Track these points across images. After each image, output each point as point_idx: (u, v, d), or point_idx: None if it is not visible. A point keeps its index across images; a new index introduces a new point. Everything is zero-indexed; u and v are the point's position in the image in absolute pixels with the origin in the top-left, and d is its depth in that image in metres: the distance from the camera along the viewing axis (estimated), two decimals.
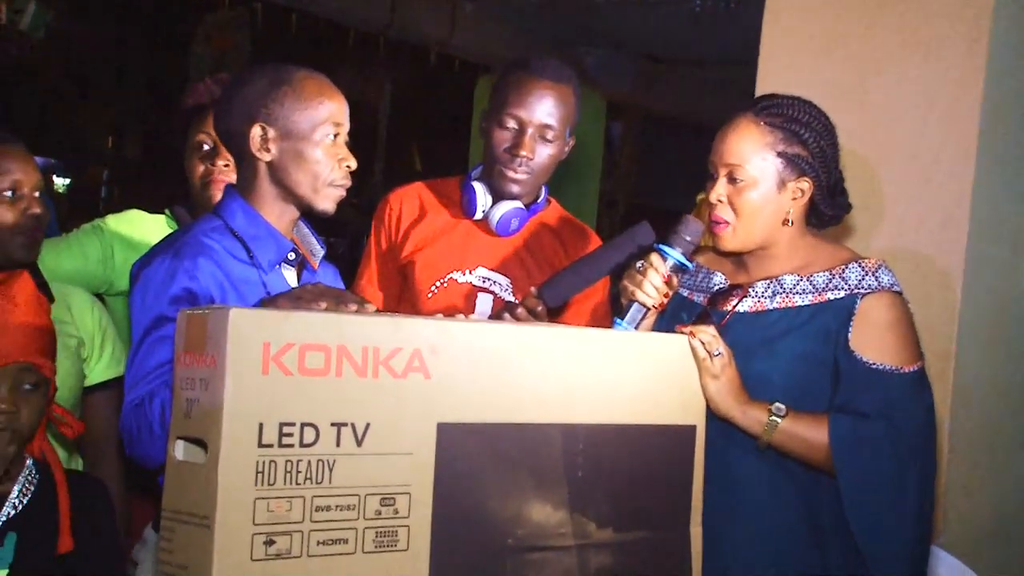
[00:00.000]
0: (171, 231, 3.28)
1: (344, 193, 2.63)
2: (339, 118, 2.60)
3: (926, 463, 2.57)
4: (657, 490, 2.41)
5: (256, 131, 2.55)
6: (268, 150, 2.56)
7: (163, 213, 3.47)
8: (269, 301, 2.35)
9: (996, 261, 3.35)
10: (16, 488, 2.51)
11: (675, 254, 2.56)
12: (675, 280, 2.58)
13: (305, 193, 2.59)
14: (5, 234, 2.83)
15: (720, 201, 2.62)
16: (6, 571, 2.43)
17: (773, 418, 2.47)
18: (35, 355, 2.51)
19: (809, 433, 2.49)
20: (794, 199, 2.63)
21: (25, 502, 2.52)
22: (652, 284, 2.53)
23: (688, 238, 2.58)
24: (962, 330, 3.24)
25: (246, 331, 1.88)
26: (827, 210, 2.70)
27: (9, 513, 2.49)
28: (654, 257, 2.56)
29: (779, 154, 2.60)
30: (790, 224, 2.65)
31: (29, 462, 2.58)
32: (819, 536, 2.58)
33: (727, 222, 2.63)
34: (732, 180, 2.61)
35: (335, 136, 2.58)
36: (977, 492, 3.26)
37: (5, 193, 2.84)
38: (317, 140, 2.56)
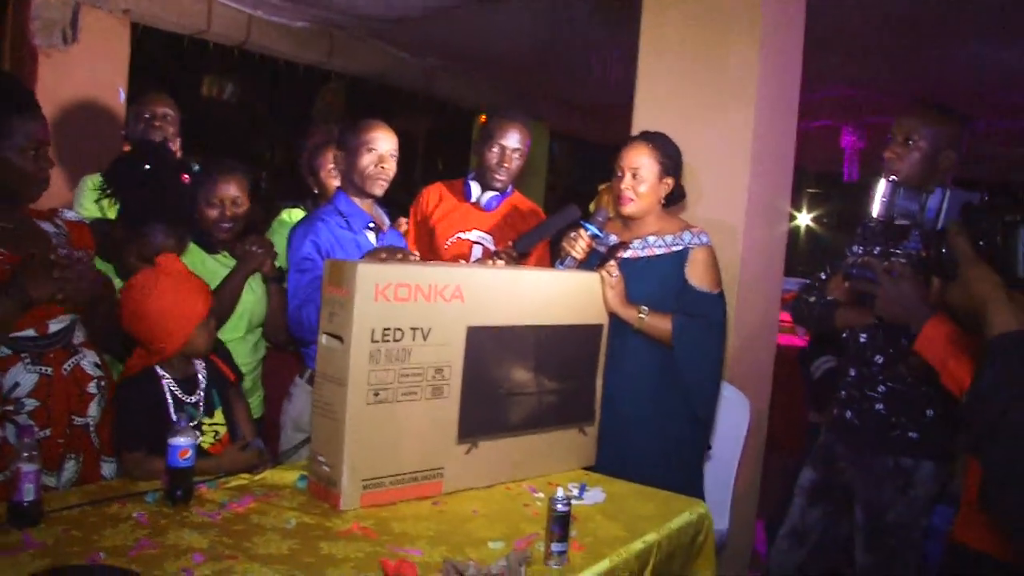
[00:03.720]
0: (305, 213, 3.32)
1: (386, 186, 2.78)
2: (383, 141, 2.75)
3: (721, 340, 2.74)
4: (581, 359, 2.58)
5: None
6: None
7: (300, 206, 3.45)
8: (370, 255, 2.46)
9: (759, 224, 3.50)
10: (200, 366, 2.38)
11: (593, 228, 2.73)
12: (592, 243, 2.74)
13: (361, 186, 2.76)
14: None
15: (629, 187, 2.71)
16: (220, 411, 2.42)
17: (641, 315, 2.62)
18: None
19: (661, 323, 2.63)
20: (664, 189, 2.75)
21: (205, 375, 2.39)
22: (579, 246, 2.70)
23: (600, 219, 2.76)
24: (743, 259, 3.41)
25: (366, 276, 2.02)
26: (676, 196, 2.82)
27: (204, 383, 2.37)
28: (581, 230, 2.72)
29: (659, 163, 2.72)
30: (660, 203, 2.77)
31: None
32: (663, 382, 2.69)
33: (632, 199, 2.72)
34: (634, 176, 2.72)
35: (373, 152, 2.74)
36: (741, 350, 3.43)
37: (221, 200, 2.83)
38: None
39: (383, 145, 2.74)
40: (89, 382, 2.24)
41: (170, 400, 2.27)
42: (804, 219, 13.09)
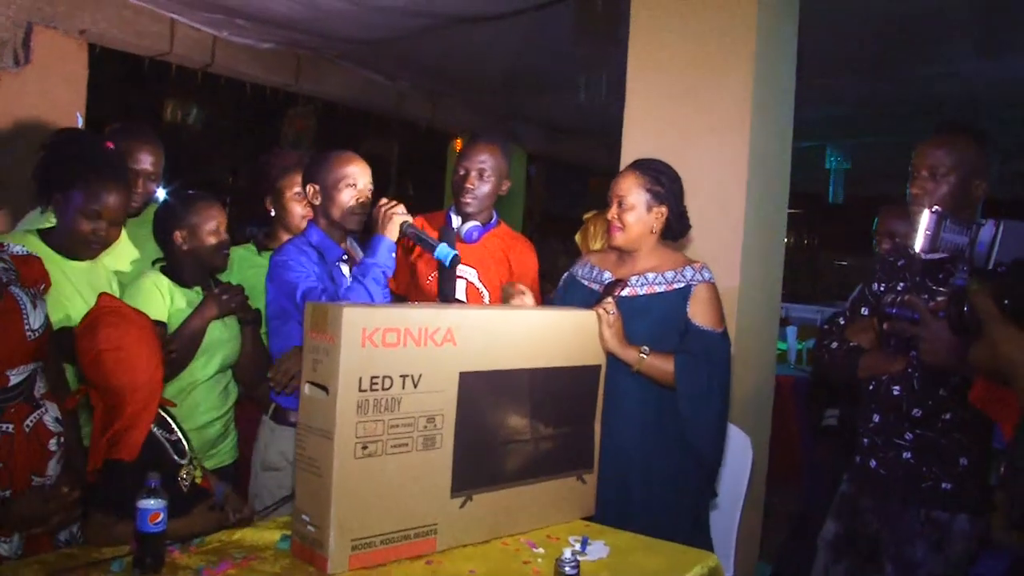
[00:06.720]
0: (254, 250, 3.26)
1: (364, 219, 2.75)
2: (361, 176, 2.74)
3: (725, 382, 2.64)
4: (577, 403, 2.48)
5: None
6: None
7: (250, 242, 3.32)
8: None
9: (755, 253, 3.45)
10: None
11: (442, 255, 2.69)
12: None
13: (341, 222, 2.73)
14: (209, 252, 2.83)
15: (615, 217, 2.65)
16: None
17: (641, 355, 2.52)
18: None
19: (662, 364, 2.53)
20: (656, 219, 2.66)
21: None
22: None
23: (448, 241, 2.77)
24: (741, 290, 3.36)
25: (352, 321, 1.92)
26: (676, 228, 2.72)
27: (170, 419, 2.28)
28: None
29: (647, 190, 2.64)
30: (654, 234, 2.68)
31: None
32: (660, 424, 2.60)
33: (619, 228, 2.65)
34: (620, 205, 2.65)
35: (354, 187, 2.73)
36: (741, 385, 3.26)
37: (212, 229, 2.80)
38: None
39: (361, 180, 2.74)
40: (50, 439, 2.11)
41: (165, 444, 2.17)
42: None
